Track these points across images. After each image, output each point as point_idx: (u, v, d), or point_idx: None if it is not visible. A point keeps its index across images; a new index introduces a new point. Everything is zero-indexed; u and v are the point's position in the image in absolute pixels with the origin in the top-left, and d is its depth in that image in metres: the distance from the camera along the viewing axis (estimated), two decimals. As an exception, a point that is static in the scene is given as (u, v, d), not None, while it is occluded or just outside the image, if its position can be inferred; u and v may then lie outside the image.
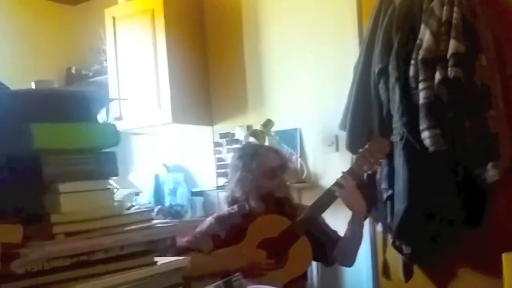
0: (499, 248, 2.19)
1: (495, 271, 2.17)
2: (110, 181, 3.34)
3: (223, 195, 2.49)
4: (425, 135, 2.40)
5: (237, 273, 1.44)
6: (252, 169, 2.29)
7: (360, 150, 2.27)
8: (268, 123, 3.18)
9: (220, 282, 1.38)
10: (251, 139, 3.13)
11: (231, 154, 2.77)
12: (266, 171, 2.30)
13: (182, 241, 2.29)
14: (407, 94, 2.47)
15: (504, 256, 2.06)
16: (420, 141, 2.43)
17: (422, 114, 2.39)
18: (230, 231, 2.30)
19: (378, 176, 2.71)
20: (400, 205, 2.53)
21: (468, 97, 2.33)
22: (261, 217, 2.28)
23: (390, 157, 2.57)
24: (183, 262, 1.31)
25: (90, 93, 1.36)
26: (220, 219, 2.36)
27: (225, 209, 2.46)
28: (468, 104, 2.34)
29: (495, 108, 2.34)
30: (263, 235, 2.25)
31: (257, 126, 3.23)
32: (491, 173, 2.34)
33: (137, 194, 3.52)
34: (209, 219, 2.38)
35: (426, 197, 2.48)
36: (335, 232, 2.41)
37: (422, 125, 2.40)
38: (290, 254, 2.20)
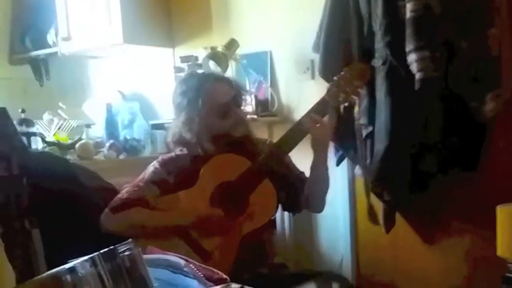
0: (494, 197, 1.83)
1: (488, 223, 1.80)
2: (59, 112, 2.93)
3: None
4: (412, 58, 1.98)
5: (127, 241, 1.05)
6: (198, 108, 1.85)
7: (335, 77, 1.81)
8: (231, 44, 2.72)
9: (98, 253, 0.98)
10: (211, 63, 2.67)
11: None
12: (216, 109, 1.87)
13: (121, 194, 1.90)
14: (393, 6, 2.03)
15: (499, 209, 1.68)
16: (407, 66, 2.01)
17: (408, 31, 1.96)
18: (180, 174, 1.90)
19: (356, 109, 2.30)
20: (380, 144, 2.15)
21: (465, 10, 1.87)
22: (216, 157, 1.87)
23: (371, 86, 2.15)
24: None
25: None
26: (166, 162, 1.94)
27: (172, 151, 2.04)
28: (465, 20, 1.90)
29: (498, 25, 1.87)
30: (219, 178, 1.85)
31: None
32: (490, 106, 1.94)
33: (88, 126, 3.09)
34: (153, 164, 1.96)
35: (411, 135, 2.11)
36: (302, 173, 2.01)
37: (409, 45, 1.98)
38: (250, 201, 1.82)
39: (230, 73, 2.76)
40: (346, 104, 2.19)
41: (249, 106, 2.69)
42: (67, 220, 2.04)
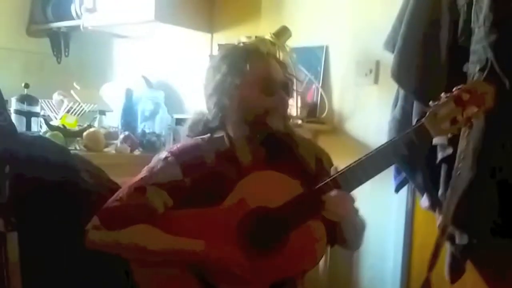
0: None
1: None
2: (72, 92, 2.52)
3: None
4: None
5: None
6: (242, 72, 1.40)
7: (444, 95, 1.28)
8: (283, 32, 2.29)
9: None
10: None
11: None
12: (261, 82, 1.41)
13: (117, 195, 1.43)
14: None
15: None
16: (512, 73, 1.57)
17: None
18: (200, 175, 1.41)
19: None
20: (464, 172, 1.71)
21: None
22: (258, 173, 1.39)
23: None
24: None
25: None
26: (181, 154, 1.45)
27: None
28: None
29: None
30: (255, 201, 1.37)
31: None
32: None
33: (102, 112, 2.67)
34: (163, 155, 1.47)
35: (508, 164, 1.68)
36: None
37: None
38: (292, 241, 1.34)
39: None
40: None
41: (293, 108, 2.27)
42: (54, 225, 1.63)
